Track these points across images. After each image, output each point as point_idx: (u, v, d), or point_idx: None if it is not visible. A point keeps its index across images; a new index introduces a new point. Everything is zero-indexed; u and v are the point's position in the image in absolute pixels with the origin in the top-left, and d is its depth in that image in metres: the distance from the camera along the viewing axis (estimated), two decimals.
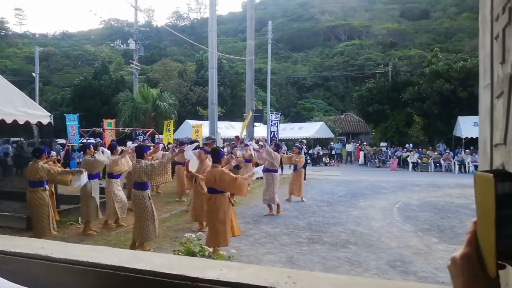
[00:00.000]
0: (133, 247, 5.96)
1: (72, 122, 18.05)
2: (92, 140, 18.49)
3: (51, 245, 1.55)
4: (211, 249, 3.88)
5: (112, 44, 31.45)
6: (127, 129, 15.36)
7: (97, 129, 16.00)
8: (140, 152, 6.22)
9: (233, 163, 7.46)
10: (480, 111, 1.59)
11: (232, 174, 5.97)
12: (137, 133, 16.93)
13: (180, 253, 3.89)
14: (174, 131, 21.10)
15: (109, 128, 18.23)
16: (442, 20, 55.75)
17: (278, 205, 9.26)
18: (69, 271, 1.36)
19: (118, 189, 7.84)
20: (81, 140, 17.00)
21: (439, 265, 5.50)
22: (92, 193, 7.42)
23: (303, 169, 11.47)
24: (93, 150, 7.90)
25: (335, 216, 8.94)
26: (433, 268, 5.44)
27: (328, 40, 59.15)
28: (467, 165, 20.23)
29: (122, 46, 26.38)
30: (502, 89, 1.20)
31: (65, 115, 19.30)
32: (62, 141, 19.98)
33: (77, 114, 18.45)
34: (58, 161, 9.37)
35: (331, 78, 49.12)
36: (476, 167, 19.94)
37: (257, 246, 6.60)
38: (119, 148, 8.65)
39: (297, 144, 12.41)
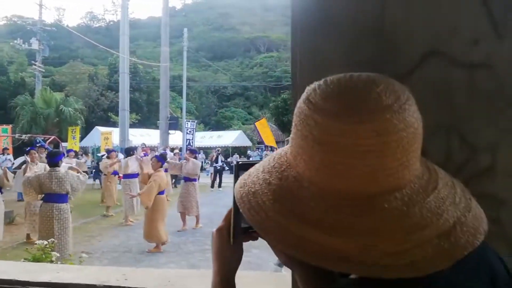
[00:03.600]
0: None
1: None
2: None
3: None
4: (58, 254, 3.79)
5: (12, 43, 28.41)
6: (25, 136, 13.94)
7: None
8: (55, 159, 5.56)
9: None
10: None
11: None
12: (37, 140, 15.49)
13: (23, 260, 3.71)
14: (82, 138, 19.76)
15: (5, 135, 16.45)
16: None
17: (197, 217, 8.62)
18: None
19: None
20: None
21: None
22: None
23: None
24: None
25: None
26: None
27: (248, 51, 60.66)
28: None
29: (23, 45, 24.01)
30: None
31: None
32: None
33: None
34: None
35: (250, 88, 50.33)
36: None
37: (158, 255, 6.48)
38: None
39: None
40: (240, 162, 0.74)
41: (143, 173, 7.31)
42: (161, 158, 7.42)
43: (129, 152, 9.72)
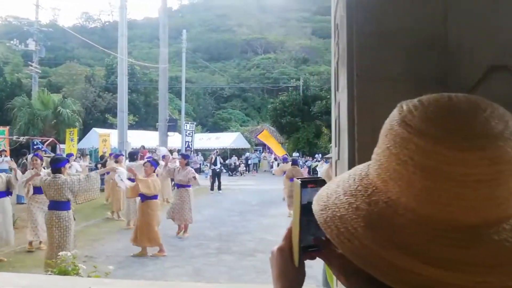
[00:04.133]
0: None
1: None
2: None
3: None
4: (85, 267, 3.71)
5: (8, 44, 28.16)
6: (22, 138, 13.81)
7: None
8: (57, 166, 5.39)
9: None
10: (332, 129, 1.80)
11: None
12: (35, 143, 15.37)
13: (49, 273, 3.63)
14: (79, 140, 19.64)
15: (2, 137, 16.29)
16: None
17: (186, 226, 8.10)
18: None
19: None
20: None
21: None
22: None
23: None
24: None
25: (245, 225, 9.12)
26: None
27: (245, 53, 60.70)
28: None
29: (19, 46, 23.81)
30: (336, 112, 1.38)
31: None
32: None
33: None
34: None
35: (248, 90, 50.35)
36: None
37: (163, 259, 6.43)
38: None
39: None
40: (303, 180, 0.71)
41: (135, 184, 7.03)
42: (155, 162, 7.30)
43: (132, 156, 9.67)
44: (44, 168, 7.41)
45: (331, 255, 0.68)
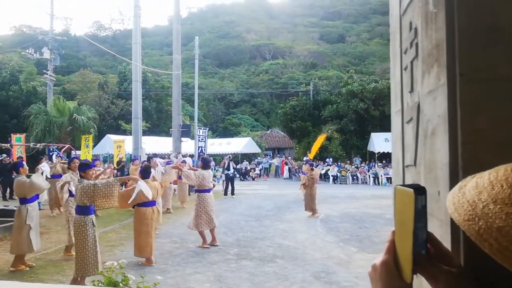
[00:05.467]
0: (73, 282, 5.30)
1: None
2: None
3: None
4: (134, 278, 3.65)
5: (23, 53, 28.62)
6: (39, 144, 13.96)
7: (3, 144, 14.33)
8: (82, 170, 5.42)
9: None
10: (392, 134, 1.75)
11: None
12: (51, 149, 15.53)
13: (100, 284, 3.59)
14: (94, 146, 19.80)
15: (18, 144, 16.51)
16: (356, 45, 60.87)
17: (201, 234, 7.65)
18: None
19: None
20: None
21: (359, 274, 5.85)
22: (27, 220, 6.23)
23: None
24: (27, 169, 6.81)
25: (262, 231, 9.06)
26: (354, 277, 5.76)
27: (254, 58, 60.89)
28: (380, 177, 22.01)
29: (34, 55, 24.18)
30: (411, 115, 1.33)
31: None
32: None
33: None
34: None
35: (257, 95, 50.43)
36: (388, 179, 21.81)
37: (183, 266, 6.40)
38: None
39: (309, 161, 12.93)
40: (416, 188, 0.65)
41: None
42: (146, 173, 6.86)
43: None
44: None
45: (437, 271, 0.64)
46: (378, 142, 22.95)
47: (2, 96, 28.26)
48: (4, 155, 16.88)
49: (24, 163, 7.11)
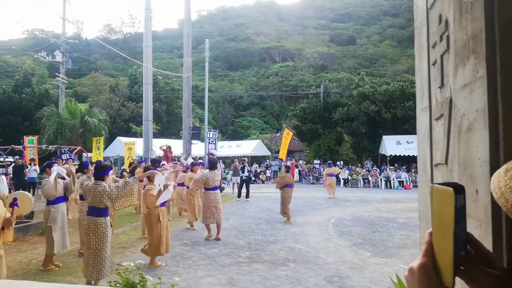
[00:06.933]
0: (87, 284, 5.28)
1: None
2: (10, 158, 16.78)
3: None
4: (152, 278, 3.62)
5: (36, 56, 29.10)
6: (51, 146, 14.11)
7: (16, 146, 14.53)
8: (102, 173, 5.42)
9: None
10: (418, 132, 1.68)
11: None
12: (63, 151, 15.69)
13: (117, 285, 3.57)
14: (105, 148, 19.96)
15: (31, 146, 16.71)
16: (366, 47, 60.49)
17: (207, 227, 8.48)
18: None
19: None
20: None
21: (374, 279, 5.74)
22: (49, 222, 6.35)
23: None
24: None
25: (273, 234, 8.99)
26: (368, 281, 5.65)
27: (264, 61, 60.98)
28: (392, 181, 21.76)
29: (47, 58, 24.54)
30: (441, 111, 1.27)
31: None
32: None
33: None
34: None
35: (266, 97, 50.45)
36: (400, 183, 21.55)
37: (195, 268, 6.36)
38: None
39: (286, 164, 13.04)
40: (454, 186, 0.60)
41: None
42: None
43: (154, 163, 9.76)
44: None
45: (479, 274, 0.59)
46: (390, 145, 22.72)
47: (15, 99, 28.77)
48: (17, 156, 17.15)
49: (56, 164, 7.18)
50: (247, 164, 15.93)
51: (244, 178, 15.35)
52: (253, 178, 17.74)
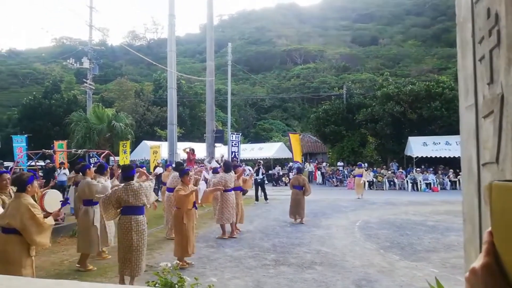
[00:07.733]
0: (122, 282, 5.42)
1: (19, 143, 16.97)
2: (41, 163, 17.39)
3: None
4: (189, 279, 3.68)
5: (64, 63, 30.16)
6: (80, 150, 14.54)
7: (47, 151, 15.05)
8: (130, 174, 5.62)
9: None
10: (462, 131, 1.62)
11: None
12: (91, 155, 16.14)
13: (156, 285, 3.63)
14: (131, 152, 20.39)
15: (61, 150, 17.30)
16: (390, 47, 59.47)
17: (223, 227, 8.99)
18: None
19: None
20: (29, 163, 15.92)
21: (403, 283, 5.60)
22: (94, 221, 6.61)
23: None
24: (93, 172, 7.08)
25: (299, 237, 8.93)
26: (398, 286, 5.52)
27: (285, 63, 60.89)
28: (419, 183, 21.22)
29: (75, 65, 25.35)
30: (491, 108, 1.23)
31: (12, 136, 18.06)
32: (9, 163, 18.61)
33: (25, 136, 17.33)
34: None
35: (288, 100, 50.29)
36: (427, 185, 20.99)
37: (221, 270, 6.39)
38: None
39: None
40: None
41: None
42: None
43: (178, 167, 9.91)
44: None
45: None
46: (416, 146, 22.18)
47: (45, 105, 29.87)
48: (48, 160, 17.76)
49: (91, 166, 7.40)
50: (262, 167, 15.95)
51: (258, 180, 15.37)
52: (266, 181, 17.75)
